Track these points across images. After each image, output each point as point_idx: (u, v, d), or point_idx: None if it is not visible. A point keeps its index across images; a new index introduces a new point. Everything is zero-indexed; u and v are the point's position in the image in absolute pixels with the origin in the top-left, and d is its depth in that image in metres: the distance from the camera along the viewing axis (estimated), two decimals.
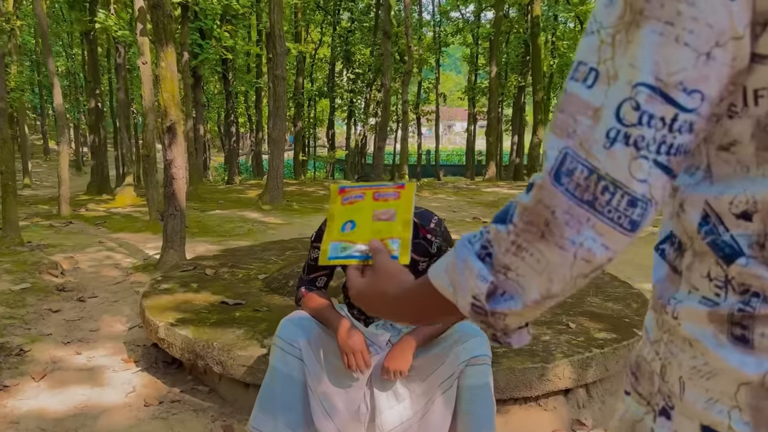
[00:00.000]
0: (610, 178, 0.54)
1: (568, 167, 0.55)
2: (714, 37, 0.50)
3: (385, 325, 2.44)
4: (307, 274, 2.43)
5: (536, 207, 0.57)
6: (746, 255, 0.55)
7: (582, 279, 0.58)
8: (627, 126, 0.53)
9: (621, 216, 0.54)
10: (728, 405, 0.57)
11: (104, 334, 3.88)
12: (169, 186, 5.24)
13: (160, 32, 5.00)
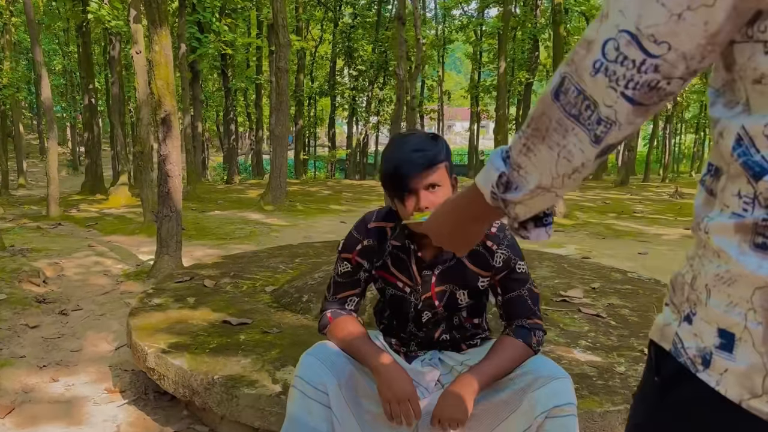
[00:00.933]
0: (592, 98, 0.68)
1: (564, 87, 0.70)
2: (686, 2, 0.60)
3: (433, 361, 1.90)
4: (334, 293, 1.89)
5: (541, 117, 0.73)
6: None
7: (567, 178, 0.74)
8: (608, 61, 0.65)
9: (593, 130, 0.69)
10: (745, 308, 0.64)
11: (87, 356, 3.35)
12: (163, 184, 4.70)
13: (154, 12, 4.47)
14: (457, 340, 1.90)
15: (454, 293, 1.79)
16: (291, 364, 2.33)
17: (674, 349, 0.74)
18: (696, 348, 0.70)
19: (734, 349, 0.66)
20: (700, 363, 0.70)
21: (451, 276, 1.77)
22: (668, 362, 0.75)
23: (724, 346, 0.67)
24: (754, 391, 0.65)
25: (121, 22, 9.17)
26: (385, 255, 1.82)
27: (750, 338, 0.65)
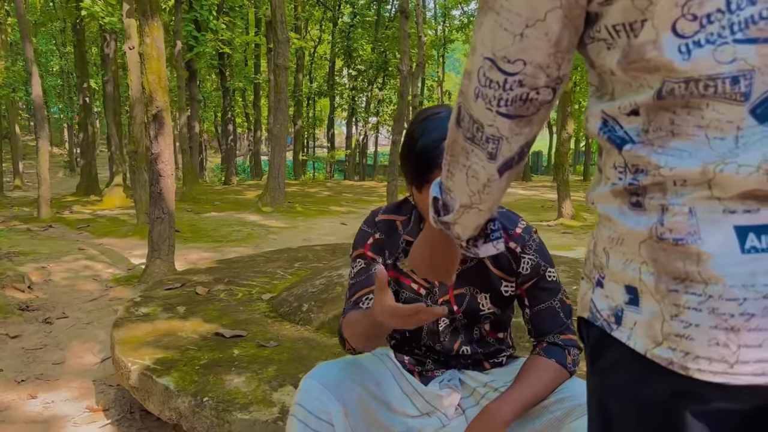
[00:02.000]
0: (479, 121, 0.76)
1: (461, 115, 0.79)
2: (524, 22, 0.69)
3: (452, 382, 1.66)
4: (350, 297, 1.63)
5: (453, 144, 0.82)
6: (634, 141, 0.70)
7: (482, 194, 0.82)
8: (481, 86, 0.74)
9: (485, 148, 0.77)
10: (638, 262, 0.70)
11: (70, 369, 3.11)
12: (155, 184, 4.46)
13: (145, 3, 4.23)
14: (479, 356, 1.65)
15: (475, 297, 1.55)
16: (290, 383, 2.09)
17: (591, 315, 0.79)
18: (608, 308, 0.75)
19: (639, 303, 0.71)
20: (613, 322, 0.74)
21: (472, 278, 1.53)
22: (590, 330, 0.80)
23: (632, 301, 0.72)
24: (656, 339, 0.69)
25: (116, 18, 8.92)
26: (398, 252, 1.58)
27: (647, 289, 0.70)
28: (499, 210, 1.58)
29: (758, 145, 0.64)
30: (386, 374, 1.63)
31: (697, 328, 0.67)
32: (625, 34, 0.68)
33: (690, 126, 0.66)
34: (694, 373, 0.67)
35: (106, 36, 10.31)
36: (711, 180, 0.65)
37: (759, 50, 0.62)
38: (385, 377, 1.62)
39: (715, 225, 0.66)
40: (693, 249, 0.66)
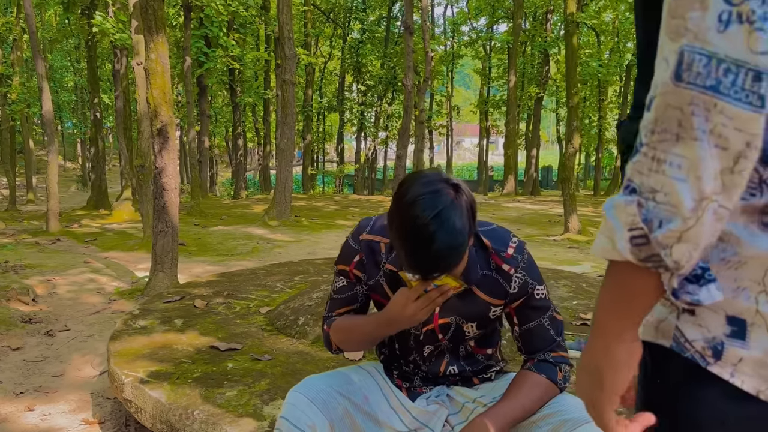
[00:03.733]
0: (730, 59, 0.54)
1: (686, 62, 0.56)
2: None
3: (440, 398, 1.64)
4: (329, 310, 1.63)
5: (665, 112, 0.58)
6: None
7: (729, 174, 0.57)
8: (735, 5, 0.53)
9: (748, 94, 0.54)
10: (755, 291, 0.62)
11: (69, 381, 3.12)
12: (159, 198, 4.49)
13: (150, 19, 4.29)
14: (467, 373, 1.64)
15: (460, 326, 1.53)
16: (281, 397, 2.08)
17: (676, 344, 0.69)
18: (704, 339, 0.67)
19: (747, 336, 0.64)
20: (710, 355, 0.66)
21: (458, 306, 1.50)
22: (671, 361, 0.70)
23: (735, 334, 0.65)
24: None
25: (126, 35, 9.05)
26: (379, 276, 1.56)
27: (764, 323, 0.63)
28: (489, 228, 1.55)
29: None
30: (374, 388, 1.63)
31: None
32: None
33: None
34: None
35: (116, 52, 10.46)
36: None
37: None
38: (373, 391, 1.62)
39: None
40: None
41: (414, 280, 1.31)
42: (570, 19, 7.59)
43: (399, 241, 1.28)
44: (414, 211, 1.24)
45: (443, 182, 1.29)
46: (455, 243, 1.24)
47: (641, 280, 0.64)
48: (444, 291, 1.31)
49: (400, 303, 1.36)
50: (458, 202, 1.26)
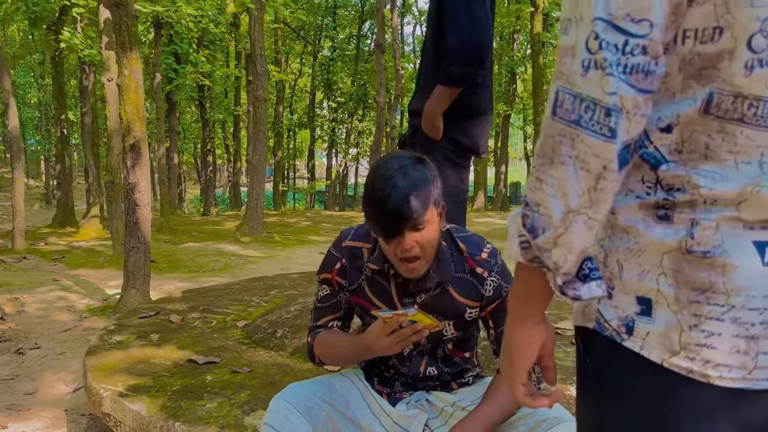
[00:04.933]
0: (589, 98, 0.67)
1: (560, 100, 0.69)
2: None
3: (420, 402, 1.70)
4: (315, 320, 1.70)
5: (544, 141, 0.71)
6: (668, 161, 0.73)
7: (594, 191, 0.69)
8: (593, 53, 0.66)
9: (602, 127, 0.67)
10: (656, 273, 0.73)
11: (42, 399, 3.07)
12: (131, 214, 4.47)
13: (123, 35, 4.30)
14: (446, 376, 1.70)
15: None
16: (262, 407, 2.10)
17: (598, 325, 0.80)
18: (618, 318, 0.77)
19: (653, 313, 0.74)
20: (624, 332, 0.76)
21: (436, 306, 1.57)
22: (595, 340, 0.80)
23: (644, 312, 0.75)
24: (673, 349, 0.72)
25: (95, 50, 8.98)
26: (361, 279, 1.63)
27: (664, 300, 0.73)
28: (464, 234, 1.64)
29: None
30: (356, 394, 1.67)
31: (719, 338, 0.70)
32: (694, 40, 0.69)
33: (723, 151, 0.71)
34: (715, 381, 0.70)
35: (84, 68, 10.35)
36: (744, 201, 0.70)
37: None
38: (354, 397, 1.66)
39: (737, 240, 0.70)
40: (720, 261, 0.70)
41: (387, 317, 1.39)
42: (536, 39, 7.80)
43: (365, 208, 1.43)
44: (377, 175, 1.41)
45: (407, 157, 1.46)
46: (407, 199, 1.36)
47: (535, 277, 0.77)
48: (417, 329, 1.40)
49: (375, 334, 1.45)
50: (415, 168, 1.41)
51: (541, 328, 0.84)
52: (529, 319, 0.83)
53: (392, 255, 1.47)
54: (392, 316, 1.38)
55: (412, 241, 1.42)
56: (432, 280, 1.56)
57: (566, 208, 0.71)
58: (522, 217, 0.75)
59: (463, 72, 2.12)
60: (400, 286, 1.60)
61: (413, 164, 1.44)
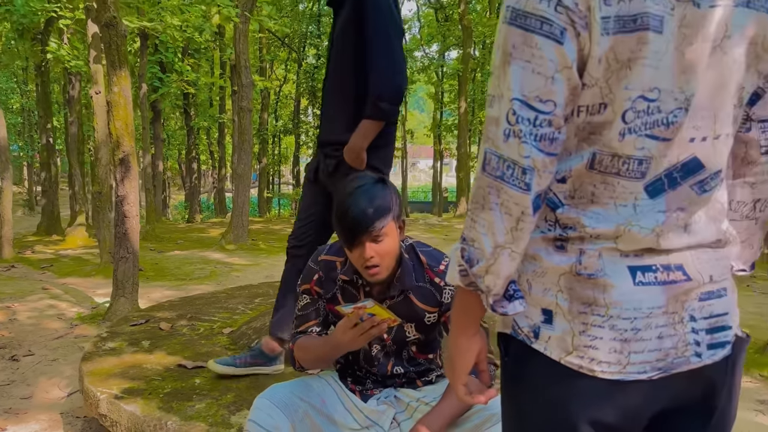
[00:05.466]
0: (510, 159, 0.88)
1: (488, 159, 0.90)
2: (554, 65, 0.85)
3: (388, 399, 1.92)
4: (296, 326, 1.92)
5: (476, 191, 0.92)
6: (564, 205, 0.95)
7: (515, 231, 0.90)
8: (512, 125, 0.87)
9: (520, 181, 0.87)
10: (555, 290, 0.95)
11: (38, 403, 3.25)
12: (120, 225, 4.65)
13: (113, 54, 4.48)
14: (411, 375, 1.92)
15: (402, 326, 1.83)
16: (246, 407, 2.31)
17: (513, 331, 1.00)
18: (528, 326, 0.97)
19: (553, 322, 0.94)
20: (532, 336, 0.97)
21: (399, 311, 1.80)
22: (511, 343, 1.01)
23: (546, 321, 0.95)
24: (567, 349, 0.93)
25: (81, 62, 9.12)
26: (335, 288, 1.85)
27: (561, 311, 0.93)
28: (426, 249, 1.88)
29: (650, 214, 0.92)
30: (331, 393, 1.89)
31: (600, 341, 0.91)
32: (587, 112, 0.89)
33: (605, 197, 0.92)
34: (598, 374, 0.91)
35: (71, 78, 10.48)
36: (620, 236, 0.91)
37: (657, 145, 0.89)
38: (329, 395, 1.88)
39: (615, 265, 0.91)
40: (601, 281, 0.91)
41: (349, 312, 1.60)
42: None
43: (333, 221, 1.68)
44: (341, 192, 1.68)
45: (370, 177, 1.72)
46: (367, 211, 1.62)
47: (471, 298, 0.97)
48: (376, 323, 1.62)
49: (340, 329, 1.67)
50: (375, 187, 1.67)
51: (477, 338, 1.04)
52: (467, 331, 1.03)
53: (356, 262, 1.70)
54: (352, 309, 1.60)
55: (372, 251, 1.66)
56: (395, 289, 1.79)
57: (495, 243, 0.90)
58: (461, 250, 0.94)
59: (390, 109, 2.37)
60: (368, 294, 1.82)
61: (374, 184, 1.69)
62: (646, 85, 0.87)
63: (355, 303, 1.62)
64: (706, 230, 0.97)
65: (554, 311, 0.95)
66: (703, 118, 0.92)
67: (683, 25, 0.87)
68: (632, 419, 0.96)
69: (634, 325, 0.91)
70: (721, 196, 1.00)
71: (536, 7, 0.85)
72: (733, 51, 0.91)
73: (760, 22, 0.92)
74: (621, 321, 0.91)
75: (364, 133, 2.39)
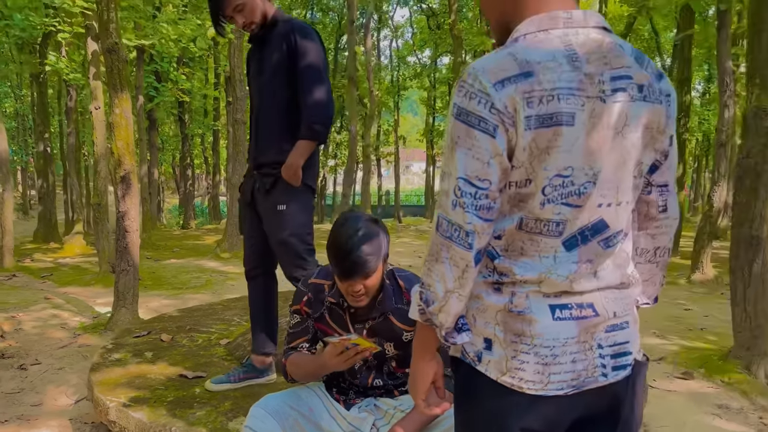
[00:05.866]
0: (456, 224, 1.11)
1: (440, 222, 1.13)
2: (489, 153, 1.09)
3: (369, 407, 2.19)
4: (288, 343, 2.19)
5: (432, 246, 1.15)
6: (500, 256, 1.18)
7: (461, 279, 1.13)
8: (458, 198, 1.10)
9: (464, 242, 1.11)
10: (493, 324, 1.18)
11: (47, 409, 3.49)
12: (121, 239, 4.90)
13: (115, 78, 4.74)
14: (389, 386, 2.19)
15: (381, 344, 2.10)
16: (243, 414, 2.57)
17: (462, 355, 1.24)
18: (473, 351, 1.21)
19: (492, 349, 1.19)
20: (476, 360, 1.20)
21: (380, 330, 2.07)
22: (461, 365, 1.24)
23: (488, 347, 1.19)
24: (503, 371, 1.17)
25: (79, 74, 9.35)
26: (323, 309, 2.12)
27: (498, 340, 1.18)
28: (404, 273, 2.15)
29: (566, 264, 1.17)
30: (318, 402, 2.16)
31: (527, 364, 1.15)
32: (516, 186, 1.13)
33: (531, 250, 1.16)
34: (526, 390, 1.16)
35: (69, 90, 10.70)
36: (542, 281, 1.16)
37: (570, 211, 1.14)
38: (316, 404, 2.15)
39: (539, 304, 1.16)
40: (528, 317, 1.16)
41: (336, 342, 1.88)
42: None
43: (331, 256, 1.91)
44: (341, 232, 1.89)
45: (364, 217, 1.96)
46: (367, 254, 1.86)
47: (428, 331, 1.23)
48: (359, 350, 1.90)
49: (328, 354, 1.95)
50: (372, 229, 1.92)
51: (433, 363, 1.30)
52: (425, 357, 1.29)
53: (344, 290, 1.96)
54: (339, 341, 1.87)
55: (360, 285, 1.92)
56: (377, 311, 2.06)
57: (446, 289, 1.14)
58: (419, 293, 1.19)
59: (323, 131, 2.71)
60: (352, 315, 2.09)
61: (370, 225, 1.93)
62: (561, 165, 1.13)
63: (342, 336, 1.90)
64: (611, 276, 1.24)
65: (493, 340, 1.18)
66: (608, 189, 1.18)
67: (592, 117, 1.13)
68: (554, 427, 1.22)
69: (553, 352, 1.16)
70: (626, 247, 1.28)
71: (475, 108, 1.09)
72: (631, 135, 1.18)
73: (653, 112, 1.20)
74: (543, 349, 1.16)
75: (301, 152, 2.70)
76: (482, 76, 1.10)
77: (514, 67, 1.10)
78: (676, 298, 6.94)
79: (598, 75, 1.13)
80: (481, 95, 1.10)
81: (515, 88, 1.09)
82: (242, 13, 2.71)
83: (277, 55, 2.73)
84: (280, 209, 2.73)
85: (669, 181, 1.32)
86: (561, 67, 1.11)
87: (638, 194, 1.28)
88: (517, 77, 1.09)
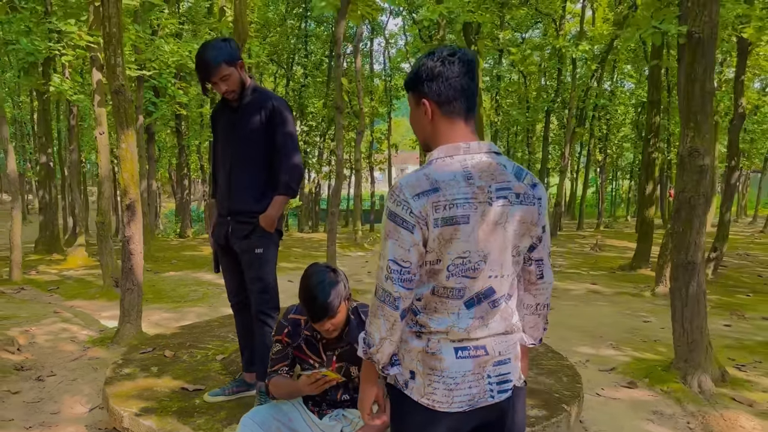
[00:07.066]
0: (387, 292, 1.62)
1: (377, 289, 1.64)
2: (410, 243, 1.60)
3: (338, 416, 2.71)
4: (271, 367, 2.70)
5: (371, 306, 1.67)
6: (420, 312, 1.67)
7: (392, 329, 1.66)
8: (389, 274, 1.61)
9: (393, 304, 1.63)
10: (416, 360, 1.69)
11: (65, 417, 4.00)
12: (127, 261, 5.41)
13: (122, 116, 5.25)
14: (355, 400, 2.72)
15: (348, 368, 2.62)
16: (236, 422, 3.08)
17: (395, 382, 1.73)
18: (402, 380, 1.71)
19: (415, 378, 1.69)
20: (404, 386, 1.70)
21: (347, 356, 2.60)
22: (393, 391, 1.74)
23: (412, 377, 1.70)
24: (422, 394, 1.69)
25: (83, 95, 9.84)
26: (300, 339, 2.64)
27: (419, 372, 1.68)
28: (366, 308, 2.68)
29: (465, 319, 1.67)
30: (296, 413, 2.69)
31: (438, 390, 1.66)
32: (429, 264, 1.62)
33: (442, 309, 1.66)
34: (438, 408, 1.66)
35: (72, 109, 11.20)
36: (448, 331, 1.66)
37: (468, 281, 1.64)
38: (295, 415, 2.67)
39: (447, 347, 1.68)
40: (439, 356, 1.66)
41: (309, 375, 2.41)
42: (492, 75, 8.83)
43: (302, 304, 2.45)
44: (307, 284, 2.43)
45: (327, 268, 2.48)
46: (327, 301, 2.38)
47: (370, 364, 1.78)
48: (327, 380, 2.42)
49: (303, 382, 2.47)
50: (332, 279, 2.44)
51: (375, 387, 1.85)
52: (369, 382, 1.84)
53: (317, 327, 2.49)
54: (311, 374, 2.40)
55: (329, 324, 2.44)
56: (344, 341, 2.59)
57: (381, 336, 1.66)
58: (363, 339, 1.72)
59: (296, 189, 3.28)
60: (324, 344, 2.62)
61: (330, 275, 2.46)
62: (461, 250, 1.65)
63: (315, 369, 2.44)
64: (498, 325, 1.77)
65: (415, 372, 1.69)
66: (495, 265, 1.71)
67: (482, 216, 1.66)
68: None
69: (456, 381, 1.68)
70: (511, 305, 1.81)
71: (401, 212, 1.61)
72: (510, 227, 1.71)
73: (527, 211, 1.73)
74: (449, 379, 1.68)
75: (279, 206, 3.26)
76: (405, 190, 1.61)
77: (426, 184, 1.61)
78: (638, 310, 7.49)
79: (486, 187, 1.66)
80: (404, 204, 1.60)
81: (427, 199, 1.59)
82: (226, 83, 3.17)
83: (256, 119, 3.22)
84: (258, 252, 3.23)
85: (544, 257, 1.85)
86: (459, 184, 1.63)
87: (519, 268, 1.81)
88: (428, 192, 1.60)
